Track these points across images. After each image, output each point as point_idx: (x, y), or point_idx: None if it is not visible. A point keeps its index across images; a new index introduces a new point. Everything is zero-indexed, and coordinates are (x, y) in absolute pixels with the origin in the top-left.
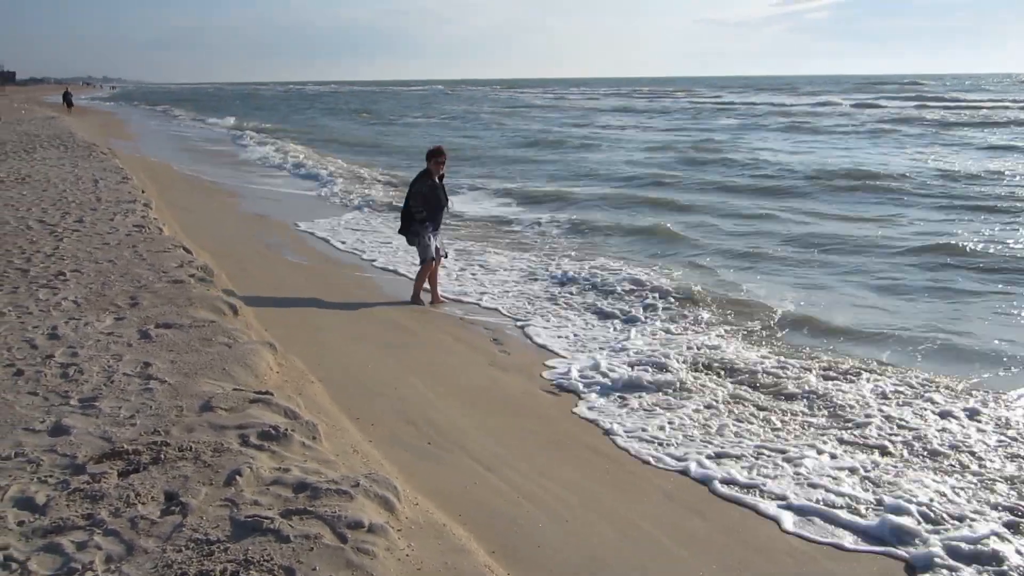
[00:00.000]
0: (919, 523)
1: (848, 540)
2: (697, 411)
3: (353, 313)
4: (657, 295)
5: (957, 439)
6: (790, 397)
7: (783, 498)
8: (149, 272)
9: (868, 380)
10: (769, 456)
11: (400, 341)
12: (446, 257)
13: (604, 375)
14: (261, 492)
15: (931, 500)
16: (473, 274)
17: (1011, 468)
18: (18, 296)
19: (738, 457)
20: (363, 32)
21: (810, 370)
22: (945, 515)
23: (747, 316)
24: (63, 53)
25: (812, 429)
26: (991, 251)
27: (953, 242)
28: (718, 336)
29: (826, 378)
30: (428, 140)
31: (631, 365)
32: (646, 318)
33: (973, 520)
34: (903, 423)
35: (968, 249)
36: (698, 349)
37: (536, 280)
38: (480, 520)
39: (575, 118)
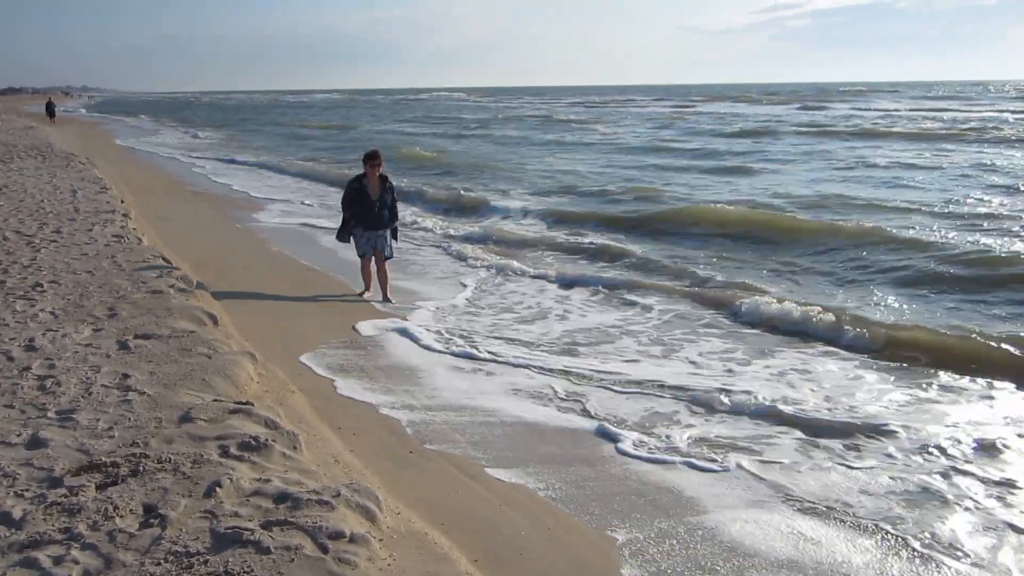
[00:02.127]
0: None
1: None
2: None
3: (334, 320)
4: None
5: None
6: None
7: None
8: (128, 283)
9: None
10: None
11: None
12: (389, 258)
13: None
14: (241, 503)
15: None
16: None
17: None
18: None
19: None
20: (353, 41)
21: None
22: None
23: None
24: (43, 62)
25: None
26: None
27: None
28: None
29: None
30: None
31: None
32: None
33: None
34: None
35: None
36: None
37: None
38: (462, 528)
39: (491, 128)
